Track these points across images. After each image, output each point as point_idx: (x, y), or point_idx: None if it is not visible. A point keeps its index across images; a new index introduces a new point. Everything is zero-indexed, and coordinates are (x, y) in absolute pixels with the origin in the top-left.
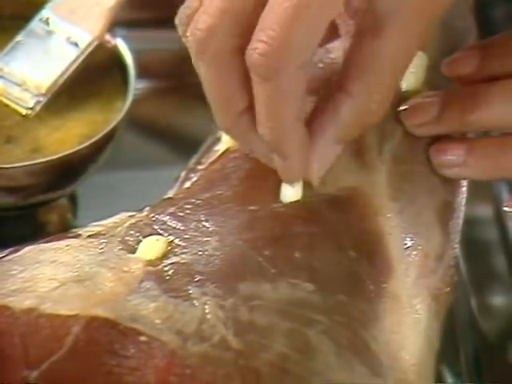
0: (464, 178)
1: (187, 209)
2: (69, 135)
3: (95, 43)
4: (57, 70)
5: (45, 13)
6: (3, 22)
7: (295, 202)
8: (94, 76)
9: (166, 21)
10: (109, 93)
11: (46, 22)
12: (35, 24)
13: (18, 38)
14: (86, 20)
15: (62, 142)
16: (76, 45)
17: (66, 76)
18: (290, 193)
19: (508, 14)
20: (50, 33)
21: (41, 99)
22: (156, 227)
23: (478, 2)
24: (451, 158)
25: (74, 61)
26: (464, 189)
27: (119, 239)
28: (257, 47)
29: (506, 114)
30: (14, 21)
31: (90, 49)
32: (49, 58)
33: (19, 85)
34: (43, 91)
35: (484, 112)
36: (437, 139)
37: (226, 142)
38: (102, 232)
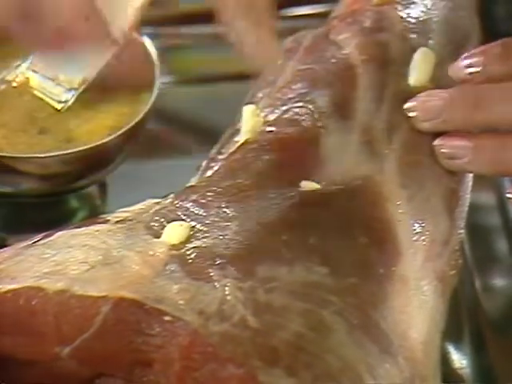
0: (466, 172)
1: (209, 196)
2: (99, 127)
3: (124, 40)
4: (88, 65)
5: None
6: None
7: (311, 191)
8: (123, 71)
9: (188, 18)
10: (136, 87)
11: None
12: None
13: None
14: (117, 19)
15: (92, 133)
16: None
17: (96, 71)
18: None
19: (509, 13)
20: None
21: (73, 93)
22: (179, 213)
23: (481, 1)
24: (454, 151)
25: (105, 57)
26: (469, 177)
27: (145, 224)
28: None
29: (509, 114)
30: None
31: (118, 45)
32: (80, 54)
33: (52, 80)
34: (75, 86)
35: (487, 112)
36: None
37: (245, 133)
38: (129, 218)
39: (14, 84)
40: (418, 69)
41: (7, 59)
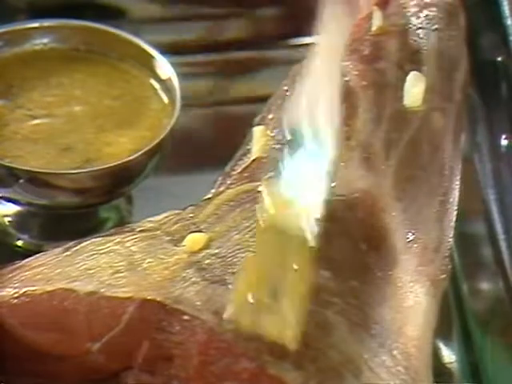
0: None
1: (223, 208)
2: (119, 150)
3: None
4: None
5: None
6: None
7: None
8: (144, 97)
9: (205, 47)
10: (157, 112)
11: None
12: None
13: None
14: None
15: (112, 156)
16: None
17: None
18: None
19: (494, 42)
20: None
21: None
22: (198, 223)
23: (469, 31)
24: None
25: None
26: (457, 190)
27: (167, 233)
28: None
29: None
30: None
31: None
32: None
33: None
34: None
35: None
36: (438, 148)
37: (255, 151)
38: (153, 227)
39: None
40: (411, 92)
41: None
